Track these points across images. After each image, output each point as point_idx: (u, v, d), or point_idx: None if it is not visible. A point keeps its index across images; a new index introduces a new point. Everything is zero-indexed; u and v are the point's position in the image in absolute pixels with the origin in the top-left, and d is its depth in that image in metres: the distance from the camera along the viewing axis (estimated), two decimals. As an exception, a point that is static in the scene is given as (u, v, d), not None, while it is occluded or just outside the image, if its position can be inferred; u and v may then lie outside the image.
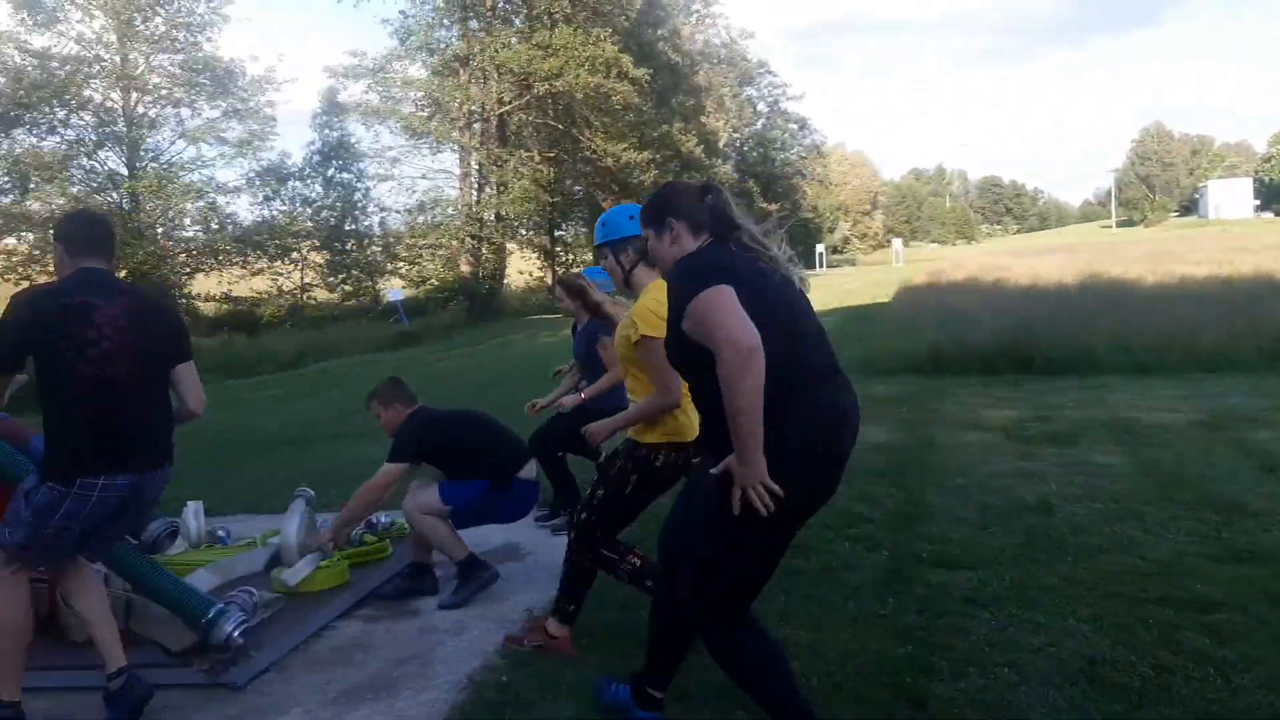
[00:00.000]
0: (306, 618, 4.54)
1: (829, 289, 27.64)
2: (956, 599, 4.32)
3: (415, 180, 35.91)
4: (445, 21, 33.71)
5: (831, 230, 75.00)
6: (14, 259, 24.68)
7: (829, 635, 3.98)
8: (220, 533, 5.72)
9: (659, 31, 38.64)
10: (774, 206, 59.51)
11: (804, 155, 65.09)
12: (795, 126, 64.15)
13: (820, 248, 55.06)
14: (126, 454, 3.47)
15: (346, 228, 32.17)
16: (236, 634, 4.08)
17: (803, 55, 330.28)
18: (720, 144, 48.23)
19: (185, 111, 28.00)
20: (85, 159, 26.27)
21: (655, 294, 3.56)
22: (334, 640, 4.41)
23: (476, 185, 34.07)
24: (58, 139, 25.82)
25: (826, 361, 2.80)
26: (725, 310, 2.57)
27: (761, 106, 62.91)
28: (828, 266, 53.98)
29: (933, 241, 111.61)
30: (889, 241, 72.63)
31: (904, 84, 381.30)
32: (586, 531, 3.91)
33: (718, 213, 2.95)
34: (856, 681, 3.55)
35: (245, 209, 36.07)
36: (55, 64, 25.31)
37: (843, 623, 4.12)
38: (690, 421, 3.59)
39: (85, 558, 3.76)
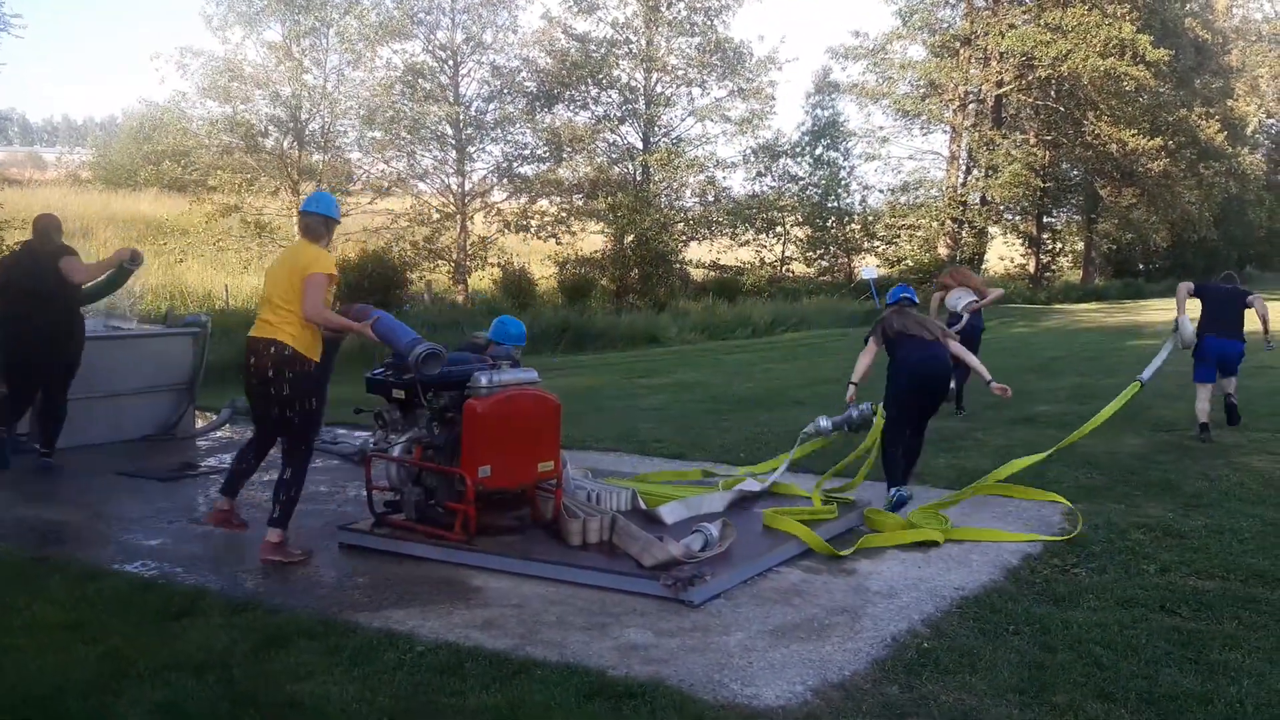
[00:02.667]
0: (757, 558, 5.14)
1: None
2: None
3: (901, 160, 35.94)
4: (952, 0, 33.24)
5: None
6: (545, 219, 28.15)
7: None
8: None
9: (1188, 6, 35.01)
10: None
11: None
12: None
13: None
14: None
15: (829, 205, 33.05)
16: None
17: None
18: (1248, 130, 42.66)
19: (696, 91, 30.23)
20: (609, 133, 29.34)
21: None
22: (777, 582, 4.97)
23: (964, 167, 33.35)
24: (588, 114, 29.15)
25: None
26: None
27: (1307, 89, 54.48)
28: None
29: None
30: None
31: None
32: None
33: None
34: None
35: (739, 184, 38.08)
36: (592, 46, 28.57)
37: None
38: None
39: None
